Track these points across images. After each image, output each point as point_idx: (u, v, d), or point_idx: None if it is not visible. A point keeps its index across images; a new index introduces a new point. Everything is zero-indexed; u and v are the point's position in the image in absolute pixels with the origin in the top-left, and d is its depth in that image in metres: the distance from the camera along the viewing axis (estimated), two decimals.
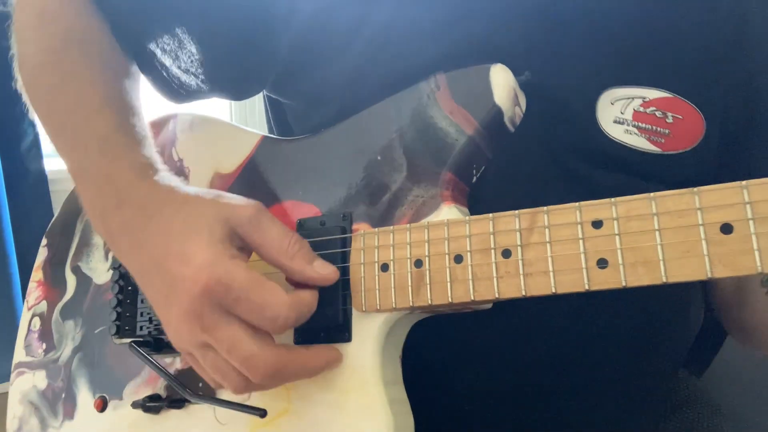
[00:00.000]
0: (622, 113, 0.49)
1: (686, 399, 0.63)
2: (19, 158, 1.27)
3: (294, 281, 0.46)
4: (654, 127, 0.49)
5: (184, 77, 0.60)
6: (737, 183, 0.36)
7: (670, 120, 0.49)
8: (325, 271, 0.46)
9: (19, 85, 0.59)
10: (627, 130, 0.49)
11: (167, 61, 0.59)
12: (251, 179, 0.56)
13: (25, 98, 0.59)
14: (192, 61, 0.59)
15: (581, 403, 0.55)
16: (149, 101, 0.62)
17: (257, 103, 1.64)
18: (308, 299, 0.45)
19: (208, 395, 0.51)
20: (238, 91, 0.63)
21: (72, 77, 0.54)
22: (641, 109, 0.49)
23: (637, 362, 0.56)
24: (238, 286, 0.42)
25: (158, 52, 0.59)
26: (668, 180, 0.51)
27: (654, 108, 0.49)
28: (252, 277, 0.42)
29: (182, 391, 0.51)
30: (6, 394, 0.68)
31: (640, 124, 0.49)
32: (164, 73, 0.60)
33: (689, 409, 0.62)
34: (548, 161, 0.50)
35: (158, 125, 0.65)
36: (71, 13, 0.57)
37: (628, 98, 0.49)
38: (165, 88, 0.61)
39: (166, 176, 0.49)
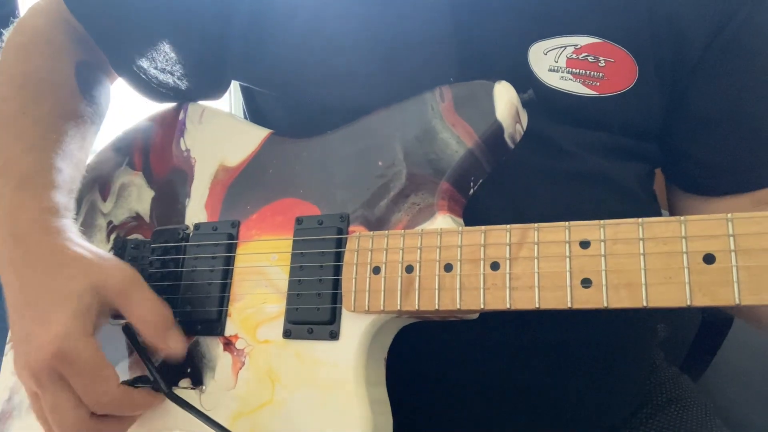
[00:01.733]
0: (556, 61, 0.51)
1: (675, 396, 0.64)
2: None
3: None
4: (588, 72, 0.51)
5: (161, 76, 0.63)
6: (723, 215, 0.37)
7: (602, 64, 0.51)
8: (172, 346, 0.51)
9: None
10: (562, 77, 0.51)
11: (144, 63, 0.63)
12: (255, 174, 0.57)
13: None
14: (167, 60, 0.62)
15: (568, 401, 0.56)
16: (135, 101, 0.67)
17: None
18: (138, 402, 0.51)
19: (183, 399, 0.52)
20: (213, 83, 0.65)
21: (20, 114, 0.58)
22: (574, 55, 0.51)
23: (623, 357, 0.57)
24: (80, 365, 0.47)
25: (136, 57, 0.63)
26: (611, 125, 0.53)
27: (586, 54, 0.51)
28: (95, 362, 0.47)
29: (160, 384, 0.53)
30: None
31: (574, 69, 0.51)
32: (143, 75, 0.63)
33: (677, 405, 0.63)
34: None
35: (168, 115, 0.67)
36: (43, 55, 0.62)
37: (561, 47, 0.51)
38: (145, 88, 0.65)
39: (66, 225, 0.53)
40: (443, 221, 0.47)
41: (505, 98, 0.47)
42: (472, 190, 0.50)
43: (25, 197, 0.53)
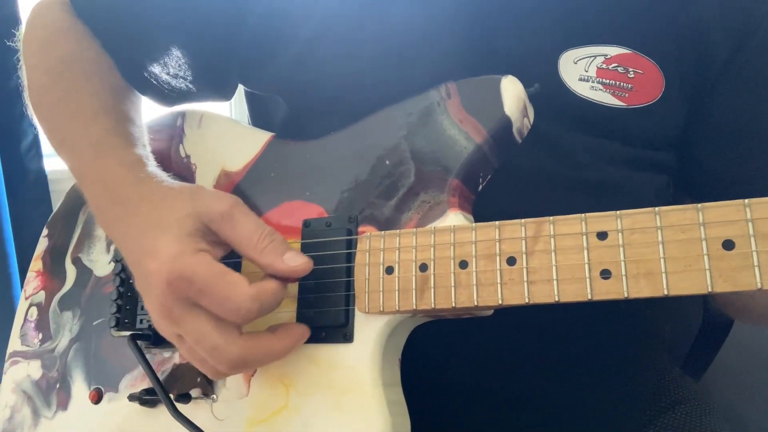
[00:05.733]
0: (586, 71, 0.51)
1: (680, 398, 0.64)
2: (19, 158, 1.27)
3: (270, 275, 0.46)
4: (617, 83, 0.51)
5: (174, 82, 0.62)
6: (740, 201, 0.37)
7: (631, 75, 0.51)
8: (294, 263, 0.45)
9: (29, 109, 0.63)
10: (592, 87, 0.51)
11: (156, 69, 0.62)
12: (258, 178, 0.57)
13: (34, 120, 0.62)
14: (179, 66, 0.61)
15: (574, 402, 0.56)
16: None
17: None
18: (273, 288, 0.44)
19: (188, 419, 0.51)
20: (223, 86, 0.65)
21: (72, 93, 0.57)
22: (604, 65, 0.51)
23: (631, 361, 0.57)
24: (200, 280, 0.42)
25: (148, 63, 0.62)
26: (634, 138, 0.53)
27: (616, 64, 0.51)
28: (214, 271, 0.43)
29: (163, 398, 0.51)
30: None
31: (604, 80, 0.51)
32: (154, 82, 0.62)
33: (682, 407, 0.63)
34: None
35: (165, 122, 0.66)
36: (71, 40, 0.61)
37: (591, 56, 0.51)
38: (157, 95, 0.64)
39: (155, 172, 0.51)
40: (455, 218, 0.46)
41: (512, 93, 0.47)
42: (480, 186, 0.49)
43: (103, 160, 0.52)
